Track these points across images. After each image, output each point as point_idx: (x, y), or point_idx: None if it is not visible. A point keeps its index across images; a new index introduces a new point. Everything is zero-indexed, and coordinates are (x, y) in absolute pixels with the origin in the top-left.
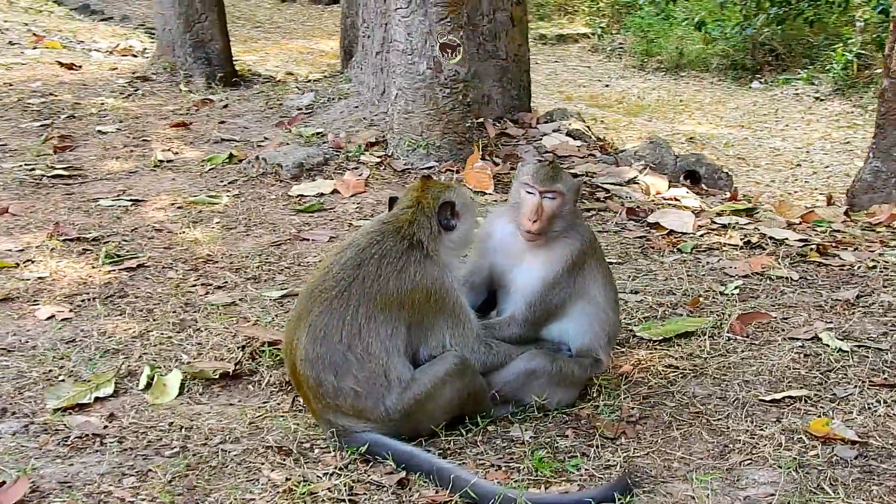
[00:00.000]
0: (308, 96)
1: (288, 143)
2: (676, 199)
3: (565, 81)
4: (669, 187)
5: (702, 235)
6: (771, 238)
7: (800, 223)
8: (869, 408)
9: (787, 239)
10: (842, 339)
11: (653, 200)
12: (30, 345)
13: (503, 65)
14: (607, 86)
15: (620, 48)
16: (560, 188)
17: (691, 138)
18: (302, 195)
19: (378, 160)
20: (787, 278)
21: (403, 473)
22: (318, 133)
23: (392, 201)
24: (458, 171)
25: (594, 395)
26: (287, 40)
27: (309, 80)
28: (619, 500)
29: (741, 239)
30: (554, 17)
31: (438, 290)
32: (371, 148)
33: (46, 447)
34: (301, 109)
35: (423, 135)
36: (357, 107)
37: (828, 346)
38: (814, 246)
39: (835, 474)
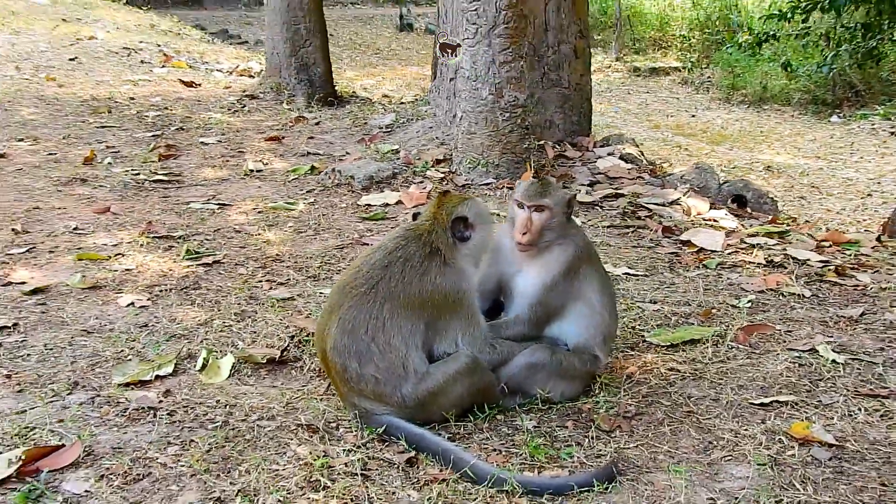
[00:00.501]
0: (389, 116)
1: (363, 158)
2: (715, 220)
3: (655, 111)
4: (710, 209)
5: (729, 253)
6: (794, 258)
7: (830, 246)
8: (850, 415)
9: (808, 260)
10: (838, 352)
11: (691, 220)
12: (108, 327)
13: (565, 93)
14: (693, 116)
15: (708, 81)
16: (547, 202)
17: (769, 167)
18: (369, 204)
19: (442, 175)
20: (799, 295)
21: (413, 453)
22: (393, 150)
23: (415, 216)
24: (513, 188)
25: (596, 391)
26: (403, 66)
27: (402, 103)
28: (603, 486)
29: (765, 258)
30: (649, 51)
31: (455, 294)
32: (438, 164)
33: (107, 417)
34: (382, 128)
35: (483, 154)
36: (431, 127)
37: (823, 357)
38: (833, 267)
39: (807, 473)
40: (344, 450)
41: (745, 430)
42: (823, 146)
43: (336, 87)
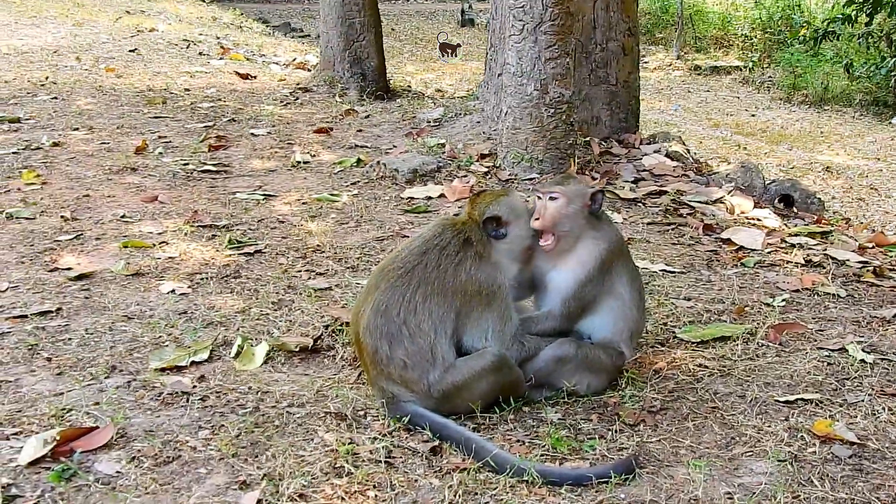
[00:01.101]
0: (438, 111)
1: (409, 151)
2: (758, 219)
3: (714, 109)
4: (755, 208)
5: (769, 252)
6: (833, 258)
7: (873, 248)
8: (874, 414)
9: (848, 260)
10: (867, 352)
11: (734, 219)
12: (148, 314)
13: (613, 90)
14: (753, 115)
15: (769, 81)
16: (560, 190)
17: (828, 168)
18: (412, 197)
19: (486, 170)
20: (834, 295)
21: (437, 442)
22: (440, 144)
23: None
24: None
25: (623, 386)
26: (463, 62)
27: (452, 98)
28: (621, 478)
29: (804, 258)
30: (710, 49)
31: (489, 287)
32: (483, 159)
33: (141, 401)
34: (430, 122)
35: (527, 149)
36: (479, 122)
37: (852, 356)
38: (872, 268)
39: (826, 470)
40: (370, 438)
41: (768, 426)
42: (883, 148)
43: (390, 81)
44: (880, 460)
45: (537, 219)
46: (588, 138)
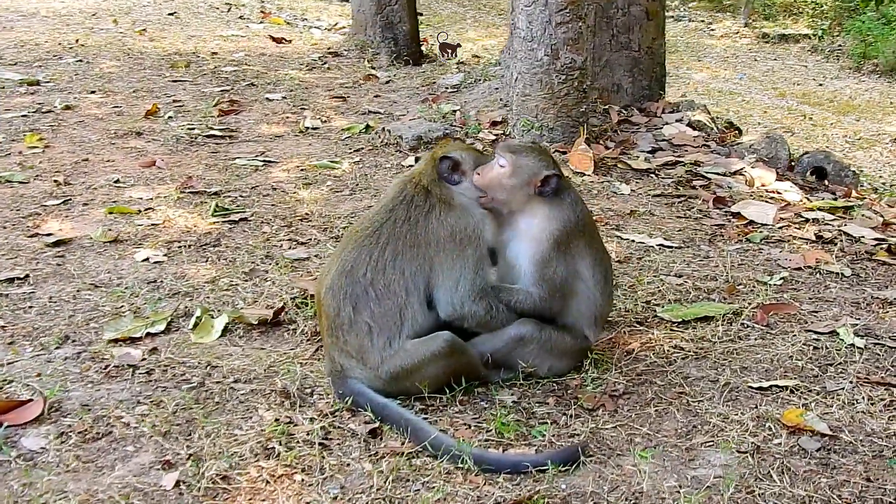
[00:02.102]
0: (458, 77)
1: (418, 118)
2: (778, 192)
3: (781, 78)
4: (776, 180)
5: (779, 227)
6: (847, 235)
7: None
8: (852, 403)
9: (862, 237)
10: (860, 335)
11: (753, 192)
12: (115, 282)
13: (635, 56)
14: (821, 85)
15: (839, 50)
16: (510, 160)
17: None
18: (413, 165)
19: (494, 138)
20: (837, 274)
21: (377, 424)
22: (455, 110)
23: (417, 160)
24: (566, 152)
25: (587, 367)
26: None
27: (491, 63)
28: (560, 468)
29: (815, 234)
30: (779, 17)
31: (463, 232)
32: (494, 126)
33: (86, 373)
34: (448, 88)
35: (538, 117)
36: (497, 89)
37: (842, 340)
38: (887, 246)
39: (789, 463)
40: (309, 417)
41: (735, 414)
42: None
43: (422, 46)
44: (850, 454)
45: (478, 174)
46: (607, 106)
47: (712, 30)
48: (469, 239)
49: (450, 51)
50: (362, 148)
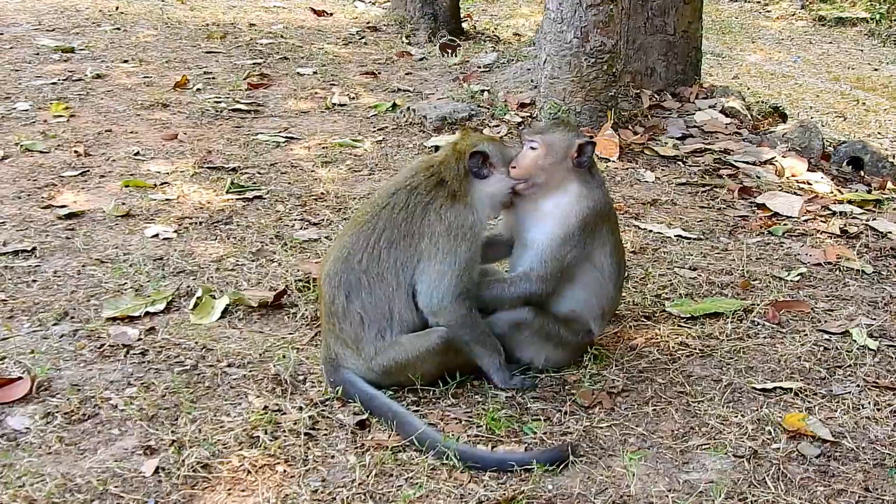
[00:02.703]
0: (491, 56)
1: (445, 98)
2: (808, 183)
3: (836, 62)
4: (808, 170)
5: (804, 220)
6: (873, 230)
7: None
8: (858, 408)
9: (890, 233)
10: (874, 337)
11: (781, 182)
12: (122, 258)
13: (670, 40)
14: (876, 70)
15: None
16: (540, 139)
17: None
18: (437, 146)
19: (520, 120)
20: (858, 271)
21: (366, 416)
22: (484, 91)
23: (436, 149)
24: (591, 137)
25: (587, 362)
26: None
27: (526, 44)
28: (544, 467)
29: (841, 228)
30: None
31: (459, 228)
32: (522, 108)
33: (80, 352)
34: (480, 68)
35: (565, 100)
36: (529, 70)
37: (854, 341)
38: None
39: (786, 470)
40: (298, 406)
41: (735, 416)
42: None
43: (463, 24)
44: (850, 461)
45: (514, 166)
46: (639, 90)
47: (768, 11)
48: (465, 236)
49: (450, 51)
50: (386, 127)
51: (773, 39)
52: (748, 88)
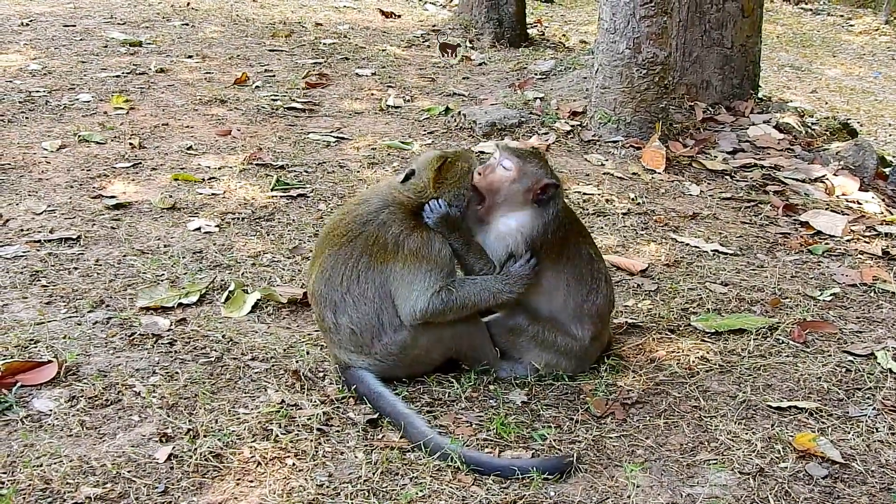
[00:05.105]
0: (549, 63)
1: (496, 103)
2: (858, 202)
3: None
4: (860, 190)
5: (847, 240)
6: None
7: None
8: (871, 431)
9: None
10: None
11: (829, 201)
12: (162, 250)
13: (727, 53)
14: None
15: None
16: (518, 165)
17: None
18: (483, 152)
19: (570, 129)
20: (893, 293)
21: (378, 415)
22: (538, 98)
23: (408, 175)
24: (640, 148)
25: (604, 372)
26: None
27: (584, 52)
28: (544, 475)
29: (883, 249)
30: None
31: (428, 252)
32: (574, 116)
33: (111, 339)
34: (537, 75)
35: (615, 110)
36: (585, 78)
37: (878, 364)
38: None
39: (791, 489)
40: (315, 402)
41: (746, 433)
42: None
43: (532, 29)
44: (858, 484)
45: (480, 174)
46: (694, 103)
47: (851, 25)
48: (432, 257)
49: (450, 51)
50: (436, 130)
51: (855, 54)
52: (826, 103)
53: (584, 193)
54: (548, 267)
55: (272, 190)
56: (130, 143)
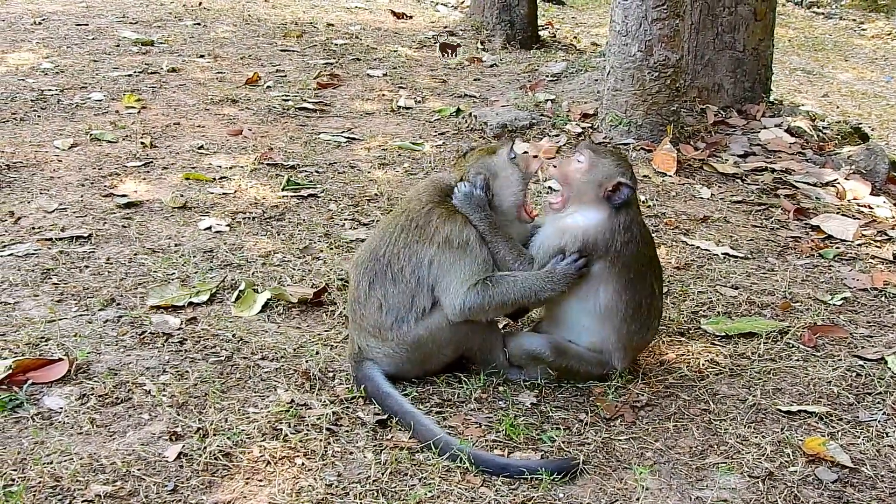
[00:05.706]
0: (560, 65)
1: (507, 105)
2: (870, 206)
3: None
4: (871, 194)
5: (858, 245)
6: None
7: None
8: (882, 435)
9: None
10: None
11: (841, 205)
12: (174, 249)
13: (739, 56)
14: None
15: None
16: (590, 156)
17: None
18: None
19: (580, 131)
20: None
21: (387, 415)
22: (549, 100)
23: (465, 153)
24: (651, 151)
25: (614, 375)
26: None
27: (596, 54)
28: (552, 476)
29: (894, 253)
30: None
31: (459, 239)
32: (585, 119)
33: (122, 337)
34: (548, 77)
35: (627, 112)
36: (597, 80)
37: (889, 369)
38: None
39: (800, 493)
40: (324, 402)
41: (756, 437)
42: None
43: (543, 31)
44: (867, 489)
45: (555, 166)
46: (705, 106)
47: (863, 29)
48: (467, 247)
49: (450, 51)
50: (447, 131)
51: (867, 58)
52: (837, 107)
53: None
54: (609, 287)
55: (283, 190)
56: (142, 143)
